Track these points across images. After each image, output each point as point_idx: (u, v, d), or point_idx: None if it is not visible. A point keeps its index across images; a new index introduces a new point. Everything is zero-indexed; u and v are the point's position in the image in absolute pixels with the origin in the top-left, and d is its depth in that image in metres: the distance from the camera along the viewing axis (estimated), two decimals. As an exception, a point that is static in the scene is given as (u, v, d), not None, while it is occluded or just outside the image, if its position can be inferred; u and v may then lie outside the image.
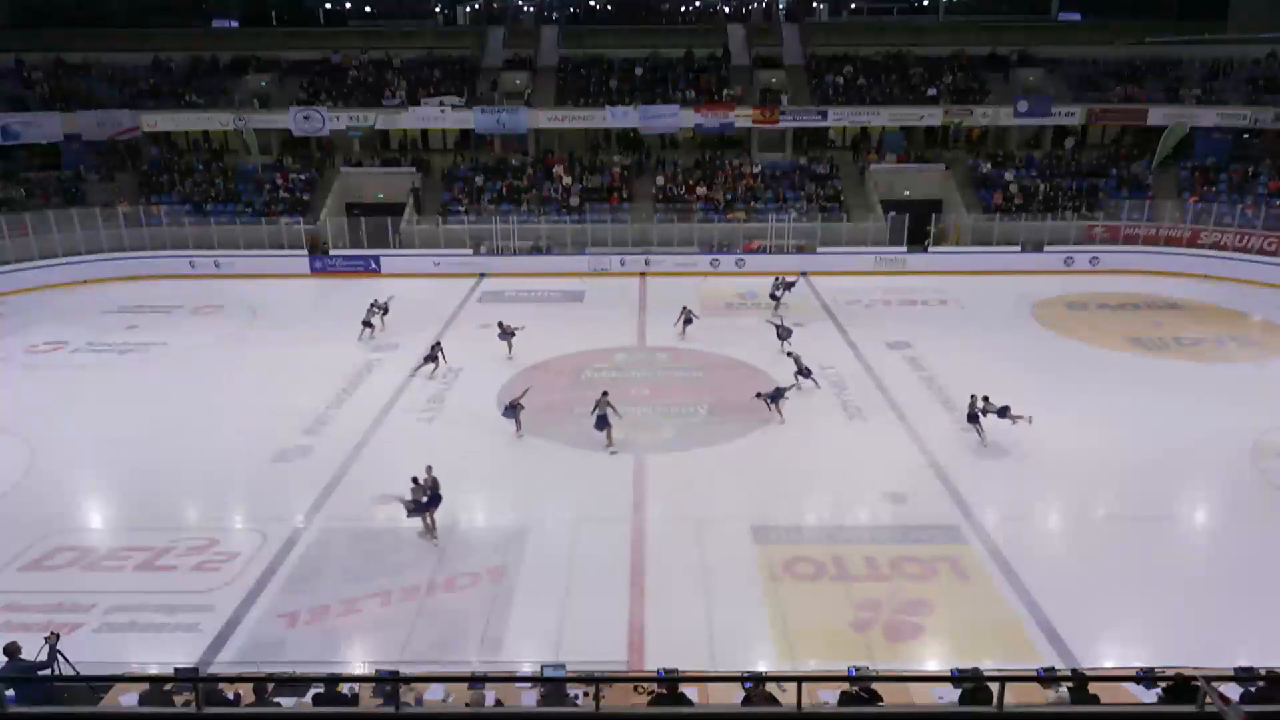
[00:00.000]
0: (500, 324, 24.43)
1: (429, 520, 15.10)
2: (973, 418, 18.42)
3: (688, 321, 26.33)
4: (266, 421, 19.94)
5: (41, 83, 38.96)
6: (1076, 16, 54.48)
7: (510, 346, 24.29)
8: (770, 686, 8.27)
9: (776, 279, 29.12)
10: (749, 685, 8.31)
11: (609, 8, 62.71)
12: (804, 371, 21.40)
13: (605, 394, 18.69)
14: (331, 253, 34.79)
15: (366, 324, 25.94)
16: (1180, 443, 18.66)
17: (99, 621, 12.88)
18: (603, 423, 18.39)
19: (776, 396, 19.65)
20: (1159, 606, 13.33)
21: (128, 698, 8.83)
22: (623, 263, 34.39)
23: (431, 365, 23.02)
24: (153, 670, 11.27)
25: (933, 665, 11.91)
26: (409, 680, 8.57)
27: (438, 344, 23.60)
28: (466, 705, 8.23)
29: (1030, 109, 36.88)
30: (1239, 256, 32.58)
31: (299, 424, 19.84)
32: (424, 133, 41.39)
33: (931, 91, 39.11)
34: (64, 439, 19.33)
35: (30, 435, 19.36)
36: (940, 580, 13.79)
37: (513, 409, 18.96)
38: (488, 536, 15.37)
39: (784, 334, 24.50)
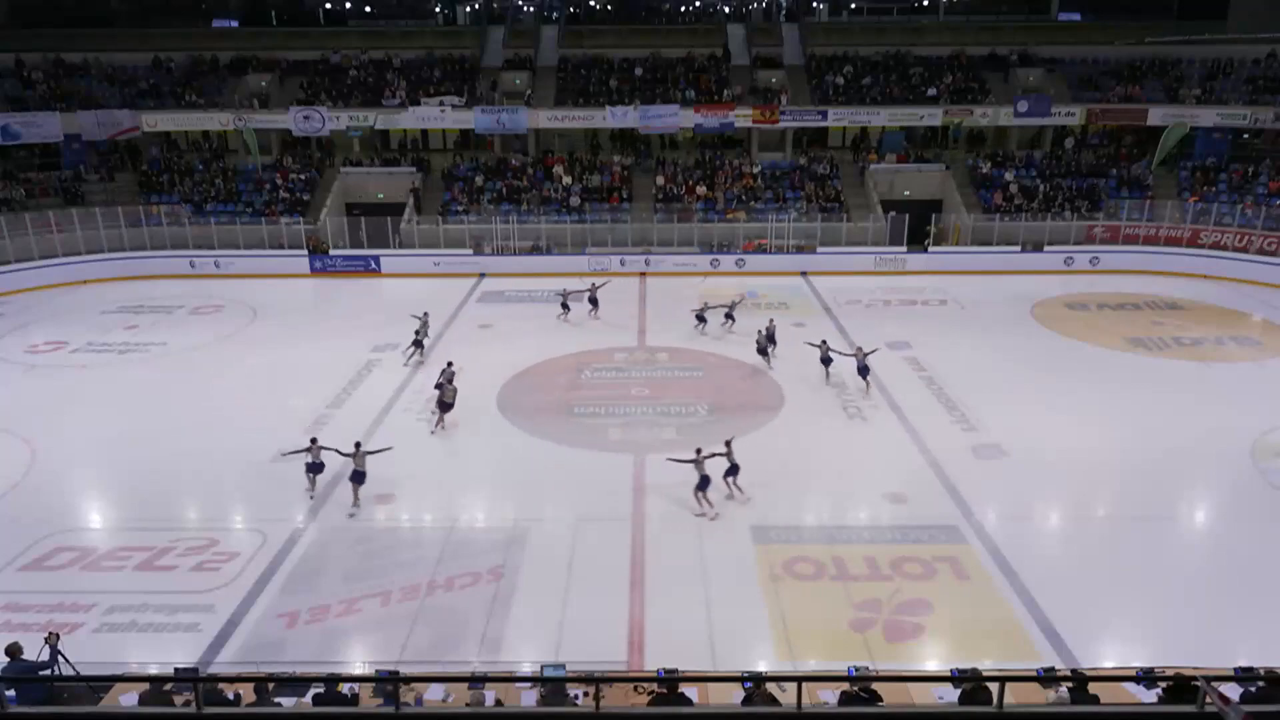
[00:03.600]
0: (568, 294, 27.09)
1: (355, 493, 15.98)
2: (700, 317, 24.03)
3: (701, 319, 26.62)
4: (266, 421, 19.94)
5: (41, 83, 38.98)
6: (1076, 16, 54.43)
7: (596, 305, 27.38)
8: (770, 686, 8.26)
9: (722, 308, 26.65)
10: (749, 685, 8.31)
11: (609, 8, 62.65)
12: (826, 359, 22.10)
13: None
14: (331, 253, 34.80)
15: (417, 344, 23.87)
16: (1180, 443, 18.66)
17: (99, 621, 12.87)
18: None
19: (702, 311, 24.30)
20: (1159, 606, 13.32)
21: (128, 698, 8.83)
22: (623, 263, 34.40)
23: (414, 350, 23.64)
24: (153, 670, 11.26)
25: (933, 665, 11.90)
26: (409, 680, 8.56)
27: (422, 327, 24.23)
28: (466, 705, 8.22)
29: (1030, 109, 36.88)
30: (1239, 256, 32.59)
31: (299, 424, 19.83)
32: (424, 133, 41.40)
33: (931, 91, 39.13)
34: (64, 439, 19.32)
35: (30, 435, 19.35)
36: (940, 580, 13.78)
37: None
38: (488, 536, 15.35)
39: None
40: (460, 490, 17.18)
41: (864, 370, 21.25)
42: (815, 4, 57.85)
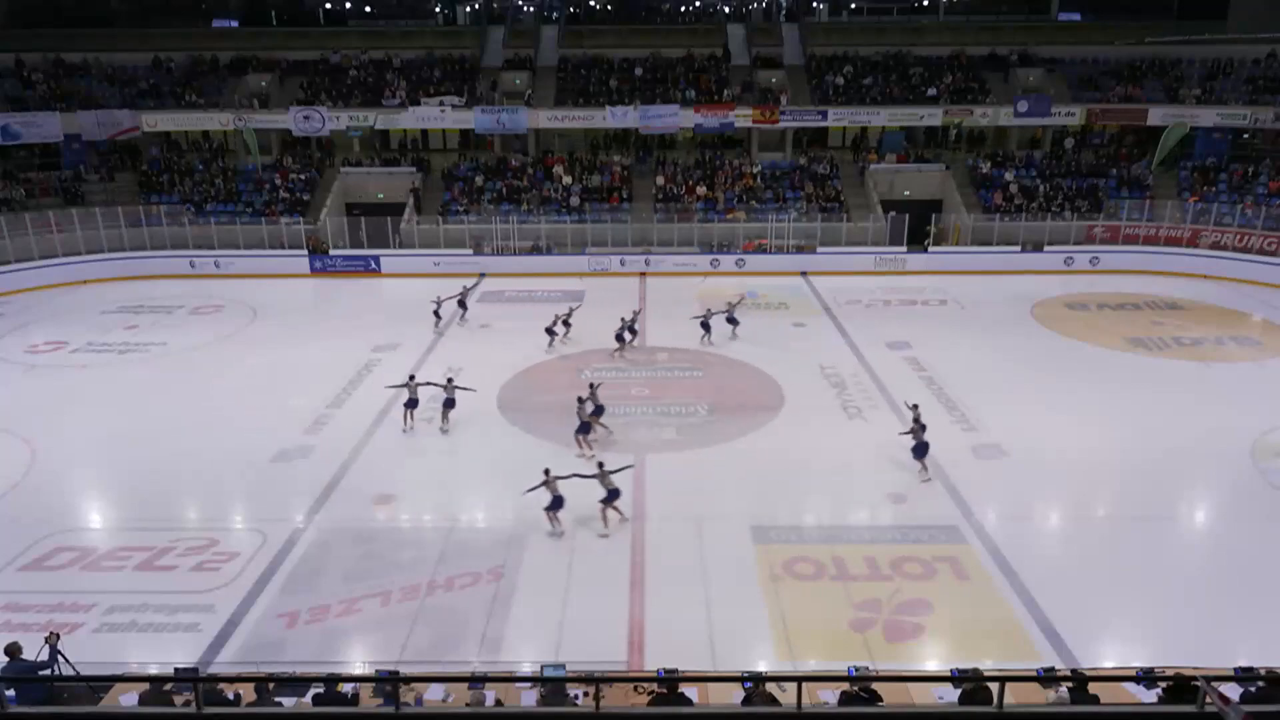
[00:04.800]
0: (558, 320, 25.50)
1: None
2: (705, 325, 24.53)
3: (706, 327, 25.48)
4: (266, 421, 19.95)
5: (41, 83, 38.98)
6: (1076, 16, 54.43)
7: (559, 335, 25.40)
8: (770, 686, 8.26)
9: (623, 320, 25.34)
10: (749, 685, 8.30)
11: (609, 8, 62.65)
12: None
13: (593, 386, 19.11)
14: (331, 253, 34.80)
15: (551, 331, 25.14)
16: (1180, 443, 18.66)
17: (99, 621, 12.87)
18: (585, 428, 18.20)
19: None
20: (1159, 606, 13.32)
21: (128, 698, 8.83)
22: (623, 263, 34.40)
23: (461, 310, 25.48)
24: (153, 670, 11.26)
25: (933, 665, 11.90)
26: (409, 680, 8.56)
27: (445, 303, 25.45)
28: (466, 705, 8.22)
29: (1030, 109, 36.88)
30: (1239, 256, 32.59)
31: (299, 424, 19.85)
32: (424, 133, 41.42)
33: (931, 91, 39.13)
34: (64, 439, 19.32)
35: (30, 435, 19.35)
36: (940, 580, 13.78)
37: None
38: (487, 536, 15.36)
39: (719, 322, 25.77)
40: (460, 490, 17.19)
41: (733, 321, 23.85)
42: (815, 4, 57.85)
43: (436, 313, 26.84)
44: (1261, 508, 16.12)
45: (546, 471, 15.15)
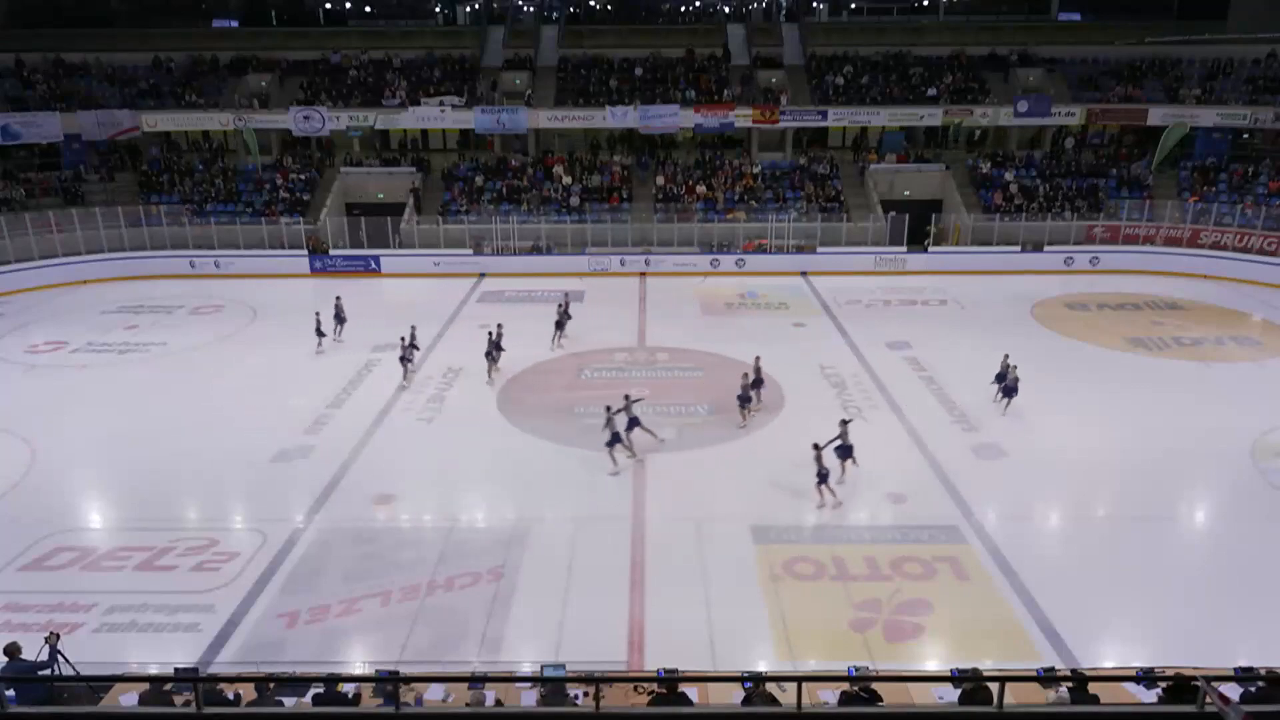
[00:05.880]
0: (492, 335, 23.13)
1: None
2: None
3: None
4: (266, 421, 19.95)
5: (41, 83, 38.98)
6: (1076, 16, 54.49)
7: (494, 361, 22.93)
8: (770, 686, 8.26)
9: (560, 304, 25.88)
10: (749, 685, 8.30)
11: (609, 8, 62.68)
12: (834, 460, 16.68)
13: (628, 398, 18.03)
14: (331, 253, 34.79)
15: (403, 363, 22.69)
16: (1180, 443, 18.66)
17: (99, 621, 12.87)
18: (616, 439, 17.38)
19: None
20: (1159, 606, 13.33)
21: (128, 698, 8.83)
22: (623, 263, 34.40)
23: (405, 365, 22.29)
24: (153, 670, 11.27)
25: (933, 665, 11.90)
26: (409, 680, 8.56)
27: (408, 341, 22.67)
28: (466, 705, 8.21)
29: (1030, 109, 36.89)
30: (1239, 256, 32.59)
31: (299, 424, 19.85)
32: (424, 133, 41.40)
33: (931, 91, 39.12)
34: (64, 439, 19.32)
35: (30, 435, 19.35)
36: (940, 580, 13.78)
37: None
38: (488, 536, 15.35)
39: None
40: (460, 490, 17.19)
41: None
42: (815, 4, 57.89)
43: (319, 330, 24.90)
44: (1261, 508, 16.12)
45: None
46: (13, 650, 9.39)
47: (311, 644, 12.45)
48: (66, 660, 9.68)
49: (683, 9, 59.10)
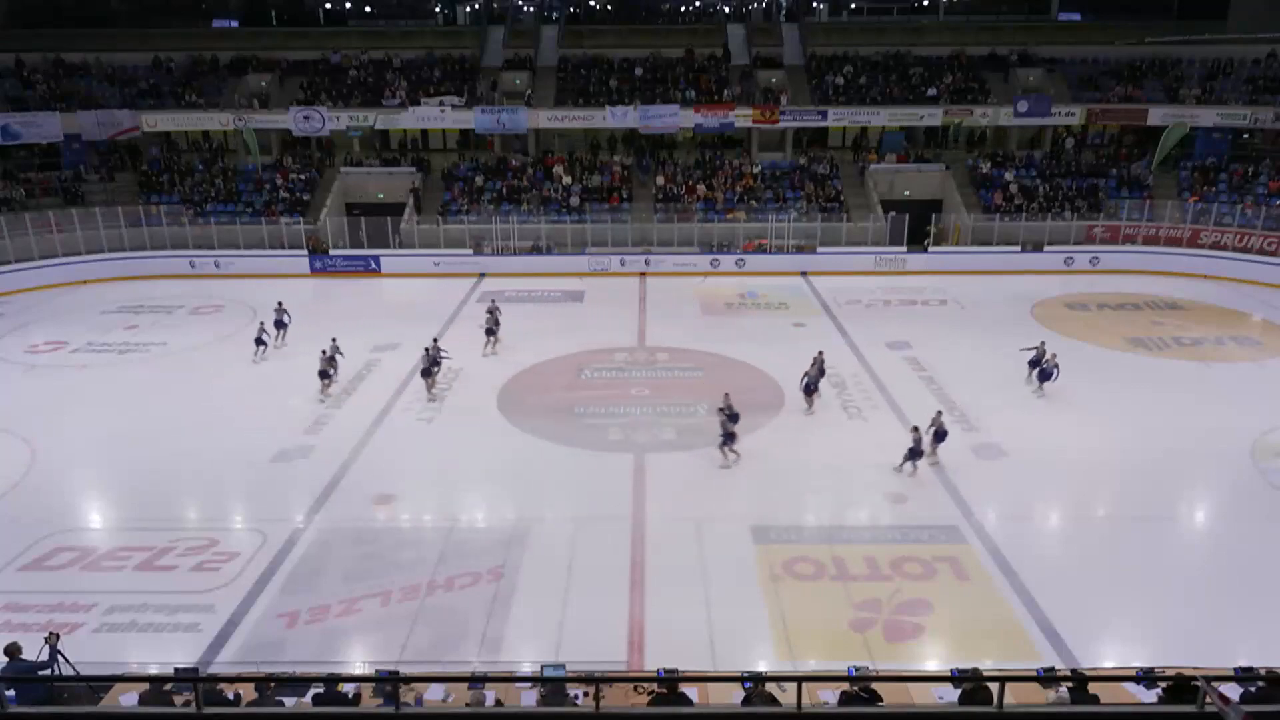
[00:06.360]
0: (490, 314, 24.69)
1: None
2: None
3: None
4: (266, 421, 19.95)
5: (41, 83, 38.97)
6: (1076, 16, 54.48)
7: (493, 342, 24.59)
8: (770, 686, 8.26)
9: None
10: (749, 685, 8.30)
11: (609, 8, 62.67)
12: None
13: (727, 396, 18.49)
14: (331, 253, 34.79)
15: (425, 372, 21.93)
16: (1180, 443, 18.67)
17: (99, 621, 12.88)
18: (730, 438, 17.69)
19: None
20: (1159, 606, 13.33)
21: (128, 698, 8.83)
22: (623, 263, 34.40)
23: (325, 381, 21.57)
24: (153, 670, 11.27)
25: (933, 665, 11.90)
26: (409, 680, 8.56)
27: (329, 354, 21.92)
28: (466, 705, 8.21)
29: (1030, 109, 36.88)
30: (1239, 256, 32.59)
31: (299, 424, 19.85)
32: (424, 133, 41.39)
33: (931, 91, 39.12)
34: (64, 439, 19.32)
35: (30, 435, 19.36)
36: (940, 580, 13.79)
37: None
38: (488, 536, 15.36)
39: None
40: (460, 490, 17.19)
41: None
42: (815, 4, 57.87)
43: (260, 339, 24.59)
44: (1261, 508, 16.12)
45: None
46: (13, 650, 9.39)
47: (311, 644, 12.45)
48: (66, 660, 9.69)
49: (683, 9, 59.10)
